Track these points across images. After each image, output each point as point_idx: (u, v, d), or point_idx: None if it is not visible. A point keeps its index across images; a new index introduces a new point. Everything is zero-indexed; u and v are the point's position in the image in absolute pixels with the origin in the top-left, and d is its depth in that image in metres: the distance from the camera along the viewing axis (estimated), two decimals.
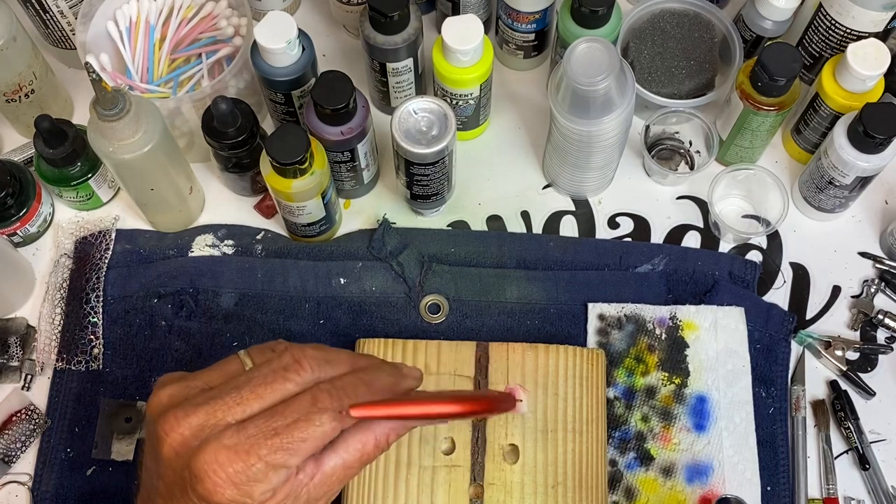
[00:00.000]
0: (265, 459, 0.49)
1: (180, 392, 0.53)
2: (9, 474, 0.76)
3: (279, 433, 0.50)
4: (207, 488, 0.49)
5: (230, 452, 0.49)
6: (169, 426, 0.51)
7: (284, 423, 0.50)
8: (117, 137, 0.70)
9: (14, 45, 0.78)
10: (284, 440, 0.50)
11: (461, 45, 0.77)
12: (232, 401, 0.51)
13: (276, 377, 0.52)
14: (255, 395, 0.51)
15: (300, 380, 0.53)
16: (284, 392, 0.52)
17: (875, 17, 0.78)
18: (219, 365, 0.55)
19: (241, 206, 0.87)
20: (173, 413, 0.51)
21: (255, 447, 0.49)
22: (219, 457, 0.49)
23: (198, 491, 0.49)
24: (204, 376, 0.54)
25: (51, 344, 0.80)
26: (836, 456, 0.77)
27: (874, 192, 0.87)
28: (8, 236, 0.83)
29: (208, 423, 0.50)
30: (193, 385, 0.53)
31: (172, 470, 0.51)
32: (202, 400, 0.51)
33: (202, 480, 0.49)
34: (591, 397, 0.73)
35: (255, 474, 0.49)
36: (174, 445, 0.51)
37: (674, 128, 0.89)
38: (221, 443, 0.49)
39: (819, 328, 0.82)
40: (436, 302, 0.81)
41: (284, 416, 0.51)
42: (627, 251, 0.83)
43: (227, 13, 0.86)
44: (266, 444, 0.50)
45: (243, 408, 0.51)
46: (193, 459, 0.49)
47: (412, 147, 0.74)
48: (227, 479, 0.49)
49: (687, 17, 0.86)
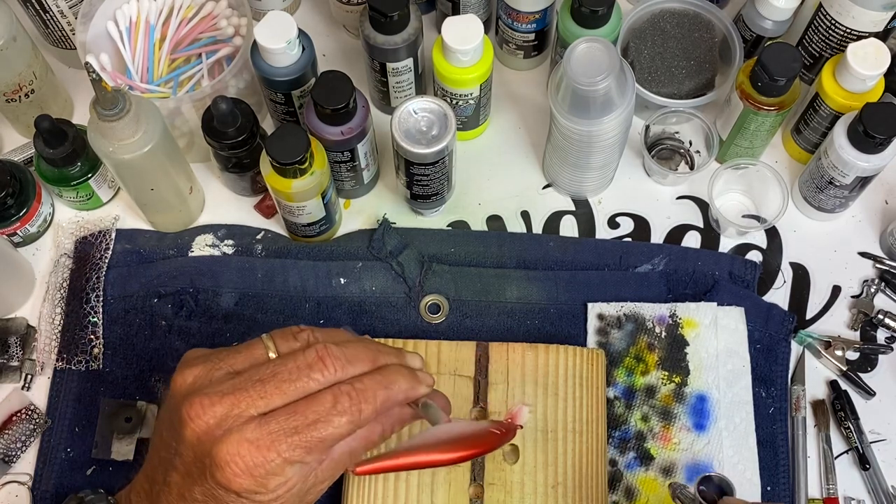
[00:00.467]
0: (283, 455, 0.52)
1: (205, 374, 0.56)
2: (9, 474, 0.76)
3: (299, 432, 0.53)
4: (227, 476, 0.52)
5: (251, 446, 0.52)
6: (195, 412, 0.53)
7: (305, 423, 0.53)
8: (117, 137, 0.70)
9: (14, 45, 0.78)
10: (303, 438, 0.53)
11: (461, 45, 0.77)
12: (256, 394, 0.54)
13: (301, 375, 0.55)
14: (280, 390, 0.54)
15: (323, 379, 0.55)
16: (307, 389, 0.55)
17: (875, 17, 0.78)
18: (244, 348, 0.58)
19: (241, 206, 0.87)
20: (199, 400, 0.54)
21: (276, 443, 0.52)
22: (240, 449, 0.52)
23: (216, 477, 0.52)
24: (229, 359, 0.57)
25: (51, 344, 0.80)
26: (836, 456, 0.77)
27: (874, 192, 0.87)
28: (8, 236, 0.83)
29: (232, 412, 0.53)
30: (218, 367, 0.56)
31: (194, 453, 0.54)
32: (228, 388, 0.54)
33: (222, 469, 0.52)
34: (591, 397, 0.73)
35: (273, 468, 0.52)
36: (198, 431, 0.53)
37: (674, 128, 0.89)
38: (244, 436, 0.52)
39: (819, 328, 0.82)
40: (436, 302, 0.81)
41: (305, 415, 0.53)
42: (627, 251, 0.83)
43: (227, 13, 0.86)
44: (286, 441, 0.52)
45: (266, 401, 0.54)
46: (216, 448, 0.52)
47: (412, 147, 0.74)
48: (245, 470, 0.52)
49: (687, 17, 0.86)
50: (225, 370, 0.56)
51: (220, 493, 0.53)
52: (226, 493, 0.53)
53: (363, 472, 0.57)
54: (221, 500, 0.53)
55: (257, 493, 0.53)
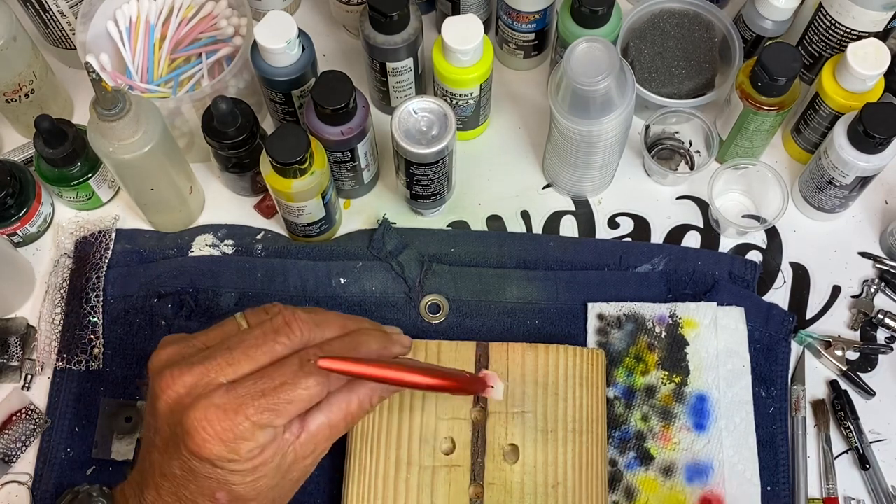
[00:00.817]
0: (252, 419, 0.53)
1: (178, 352, 0.57)
2: (9, 474, 0.76)
3: (266, 394, 0.53)
4: (197, 443, 0.53)
5: (219, 411, 0.53)
6: (165, 384, 0.54)
7: (272, 385, 0.53)
8: (117, 137, 0.70)
9: (14, 45, 0.78)
10: (271, 401, 0.53)
11: (461, 45, 0.77)
12: (224, 361, 0.54)
13: (267, 339, 0.55)
14: (246, 356, 0.55)
15: (290, 342, 0.56)
16: (274, 354, 0.55)
17: (875, 16, 0.78)
18: (217, 326, 0.59)
19: (241, 206, 0.87)
20: (169, 371, 0.55)
21: (243, 407, 0.53)
22: (208, 414, 0.52)
23: (188, 446, 0.53)
24: (202, 337, 0.58)
25: (51, 344, 0.80)
26: (836, 456, 0.77)
27: (874, 192, 0.87)
28: (8, 236, 0.83)
29: (201, 381, 0.54)
30: (192, 345, 0.57)
31: (168, 425, 0.55)
32: (197, 360, 0.55)
33: (192, 436, 0.53)
34: (591, 397, 0.73)
35: (242, 432, 0.53)
36: (169, 402, 0.54)
37: (674, 128, 0.89)
38: (211, 401, 0.53)
39: (819, 328, 0.82)
40: (436, 302, 0.81)
41: (272, 378, 0.54)
42: (627, 251, 0.83)
43: (227, 13, 0.86)
44: (253, 405, 0.53)
45: (234, 368, 0.54)
46: (185, 416, 0.53)
47: (412, 147, 0.74)
48: (215, 435, 0.52)
49: (687, 17, 0.86)
50: (198, 346, 0.57)
51: (195, 463, 0.54)
52: (200, 463, 0.53)
53: (326, 367, 0.54)
54: (198, 472, 0.54)
55: (231, 461, 0.53)
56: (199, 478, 0.54)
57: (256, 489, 0.56)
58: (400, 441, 0.70)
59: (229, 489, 0.55)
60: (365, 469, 0.69)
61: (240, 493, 0.55)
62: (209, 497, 0.55)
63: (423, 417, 0.71)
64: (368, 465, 0.70)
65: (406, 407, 0.71)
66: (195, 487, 0.55)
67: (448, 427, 0.71)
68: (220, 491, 0.55)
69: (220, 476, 0.54)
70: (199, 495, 0.55)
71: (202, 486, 0.55)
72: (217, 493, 0.55)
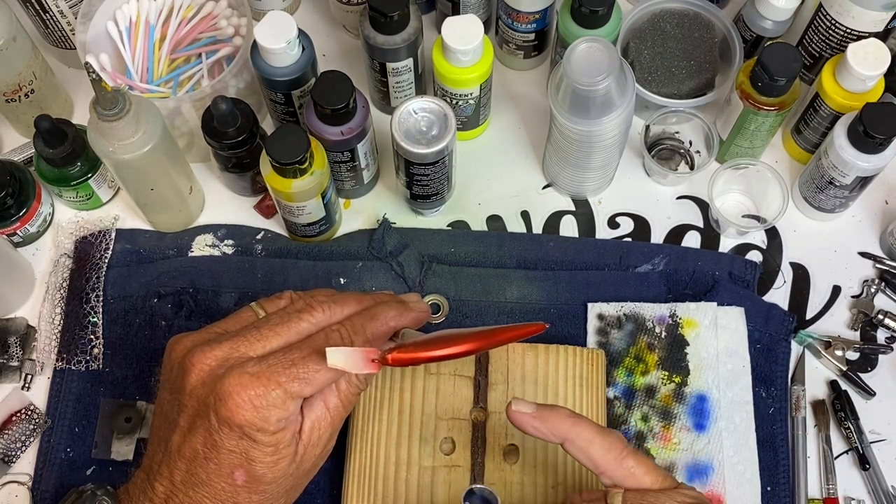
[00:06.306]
0: (283, 386, 0.55)
1: (202, 337, 0.60)
2: (9, 474, 0.76)
3: (296, 364, 0.56)
4: (230, 408, 0.54)
5: (252, 378, 0.55)
6: (196, 358, 0.57)
7: (301, 356, 0.56)
8: (117, 137, 0.70)
9: (14, 45, 0.78)
10: (301, 370, 0.56)
11: (461, 45, 0.77)
12: (253, 338, 0.58)
13: (292, 318, 0.59)
14: (274, 332, 0.58)
15: (314, 320, 0.60)
16: (300, 331, 0.59)
17: (875, 17, 0.78)
18: (233, 315, 0.62)
19: (241, 206, 0.87)
20: (200, 349, 0.57)
21: (275, 375, 0.55)
22: (242, 380, 0.55)
23: (220, 412, 0.55)
24: (222, 324, 0.61)
25: (51, 344, 0.80)
26: (836, 456, 0.77)
27: (874, 192, 0.87)
28: (8, 236, 0.83)
29: (232, 355, 0.57)
30: (212, 332, 0.60)
31: (197, 398, 0.57)
32: (226, 338, 0.58)
33: (225, 401, 0.55)
34: (591, 397, 0.73)
35: (273, 400, 0.55)
36: (201, 375, 0.57)
37: (674, 128, 0.89)
38: (245, 369, 0.55)
39: (819, 328, 0.82)
40: (436, 302, 0.81)
41: (301, 349, 0.57)
42: (627, 251, 0.83)
43: (227, 13, 0.86)
44: (284, 373, 0.55)
45: (263, 343, 0.58)
46: (219, 383, 0.55)
47: (412, 147, 0.74)
48: (248, 400, 0.55)
49: (687, 17, 0.86)
50: (219, 332, 0.60)
51: (223, 433, 0.55)
52: (229, 432, 0.55)
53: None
54: (222, 446, 0.55)
55: (259, 430, 0.55)
56: (222, 453, 0.56)
57: (274, 472, 0.57)
58: (400, 441, 0.70)
59: (249, 467, 0.56)
60: (365, 469, 0.69)
61: (257, 474, 0.56)
62: (227, 477, 0.56)
63: (423, 417, 0.71)
64: (368, 465, 0.70)
65: (406, 407, 0.71)
66: (214, 466, 0.56)
67: (448, 427, 0.71)
68: (240, 469, 0.56)
69: (244, 449, 0.56)
70: (217, 475, 0.56)
71: (222, 463, 0.56)
72: (235, 472, 0.56)
